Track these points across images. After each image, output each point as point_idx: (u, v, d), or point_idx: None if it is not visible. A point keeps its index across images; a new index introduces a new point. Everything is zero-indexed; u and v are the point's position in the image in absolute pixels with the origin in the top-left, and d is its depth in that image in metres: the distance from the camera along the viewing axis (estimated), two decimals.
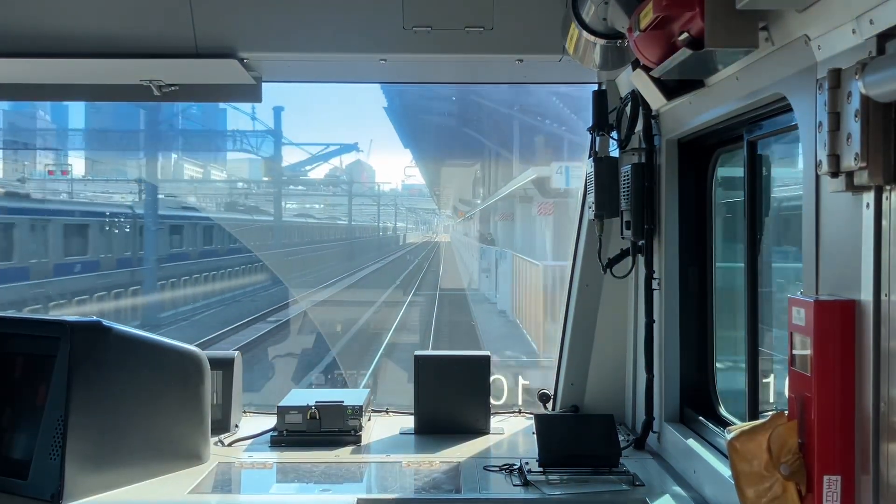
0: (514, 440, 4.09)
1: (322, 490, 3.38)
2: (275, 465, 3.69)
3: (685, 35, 2.57)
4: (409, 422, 4.30)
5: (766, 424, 2.34)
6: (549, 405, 4.36)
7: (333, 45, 3.86)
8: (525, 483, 3.41)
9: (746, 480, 2.32)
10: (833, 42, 2.18)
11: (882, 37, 1.98)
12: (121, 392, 3.42)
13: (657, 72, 3.01)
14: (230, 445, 3.96)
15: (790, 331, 2.31)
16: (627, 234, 3.90)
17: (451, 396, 4.25)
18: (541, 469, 3.49)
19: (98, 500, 3.21)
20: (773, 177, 3.52)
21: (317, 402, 4.04)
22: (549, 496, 3.31)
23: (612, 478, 3.44)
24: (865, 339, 2.11)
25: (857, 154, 2.02)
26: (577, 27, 3.44)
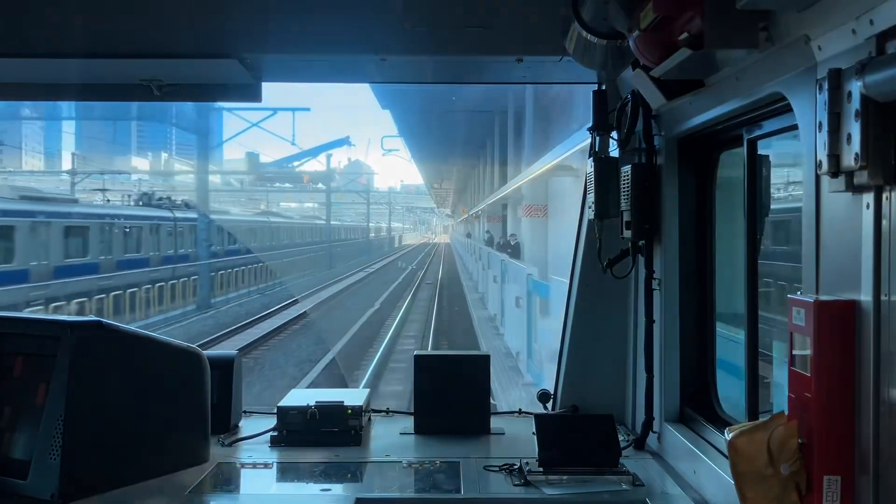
0: (514, 440, 4.08)
1: (322, 490, 3.38)
2: (275, 465, 3.69)
3: (685, 35, 2.58)
4: (409, 422, 4.30)
5: (766, 424, 2.34)
6: (549, 405, 4.36)
7: (333, 45, 3.86)
8: (525, 483, 3.41)
9: (746, 480, 2.32)
10: (833, 42, 2.18)
11: (882, 37, 1.99)
12: (121, 392, 3.42)
13: (657, 72, 3.01)
14: (230, 445, 3.96)
15: (790, 331, 2.31)
16: (627, 234, 3.89)
17: (451, 396, 4.24)
18: (541, 469, 3.49)
19: (98, 500, 3.21)
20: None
21: (317, 402, 4.04)
22: (549, 496, 3.31)
23: (612, 478, 3.44)
24: (865, 340, 2.12)
25: (857, 154, 2.02)
26: (578, 27, 3.45)
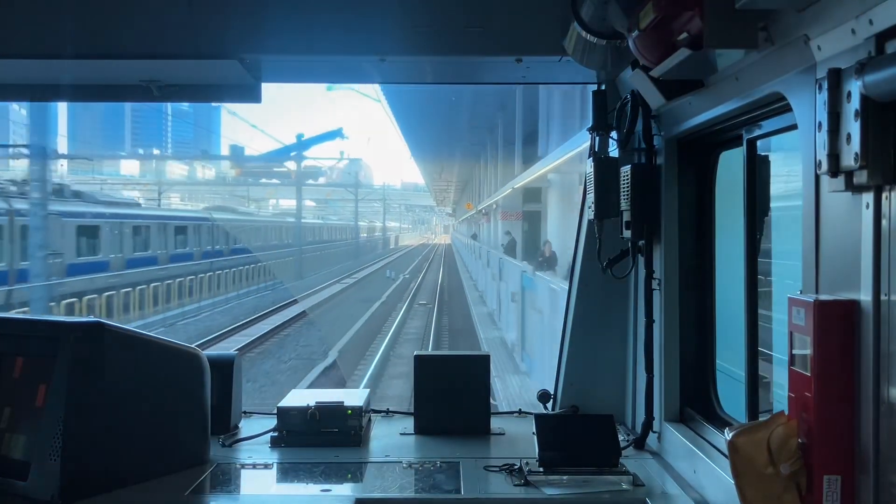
0: (514, 440, 4.08)
1: (322, 490, 3.38)
2: (275, 466, 3.69)
3: (685, 35, 2.58)
4: (409, 422, 4.30)
5: (766, 424, 2.34)
6: (549, 405, 4.36)
7: (333, 46, 3.86)
8: (525, 483, 3.41)
9: (746, 480, 2.32)
10: (833, 42, 2.18)
11: (881, 37, 1.99)
12: (121, 392, 3.42)
13: (657, 72, 3.01)
14: (230, 445, 3.96)
15: (790, 331, 2.31)
16: (627, 234, 3.90)
17: (451, 397, 4.25)
18: (541, 469, 3.49)
19: (98, 500, 3.21)
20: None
21: (317, 403, 4.04)
22: (550, 496, 3.31)
23: (612, 478, 3.44)
24: (865, 339, 2.12)
25: (857, 154, 2.02)
26: (577, 27, 3.45)
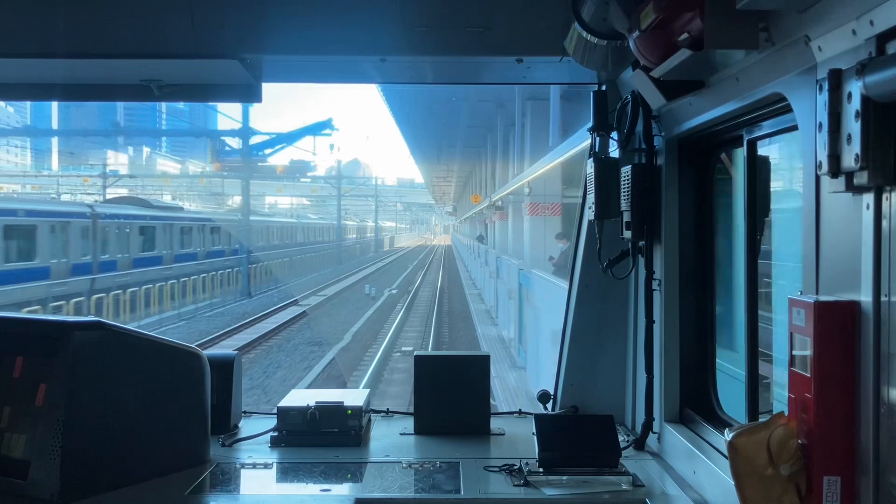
0: (514, 440, 4.08)
1: (322, 490, 3.37)
2: (275, 466, 3.69)
3: (685, 35, 2.58)
4: (409, 422, 4.30)
5: (766, 425, 2.34)
6: (549, 405, 4.36)
7: (333, 46, 3.86)
8: (525, 483, 3.41)
9: (746, 481, 2.32)
10: (833, 43, 2.18)
11: (882, 37, 1.99)
12: (121, 392, 3.42)
13: (657, 72, 3.01)
14: (230, 445, 3.96)
15: (790, 331, 2.31)
16: (627, 235, 3.90)
17: (451, 397, 4.24)
18: (541, 469, 3.49)
19: (98, 500, 3.21)
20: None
21: (317, 403, 4.04)
22: (549, 496, 3.31)
23: (612, 478, 3.44)
24: (865, 340, 2.12)
25: (857, 155, 2.02)
26: (578, 28, 3.45)
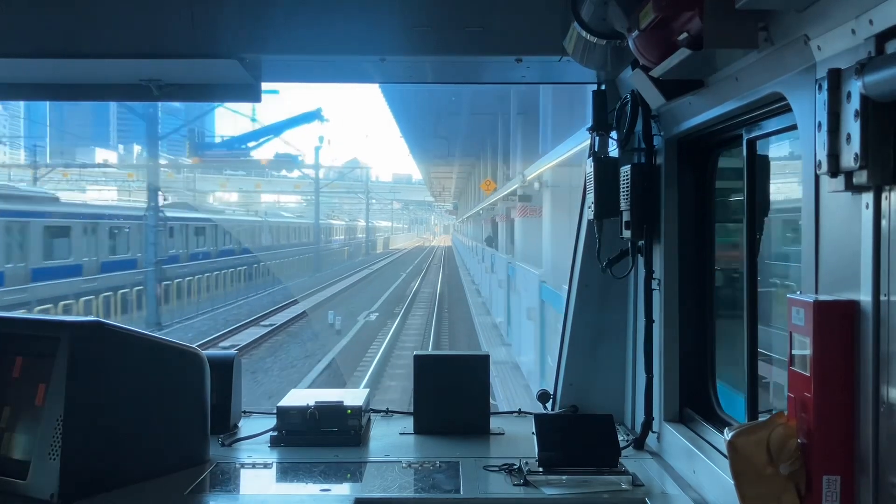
0: (514, 440, 4.08)
1: (322, 490, 3.37)
2: (274, 465, 3.69)
3: (684, 35, 2.58)
4: (409, 422, 4.30)
5: (766, 424, 2.34)
6: (549, 405, 4.36)
7: (333, 46, 3.86)
8: (525, 483, 3.41)
9: (746, 480, 2.32)
10: (833, 42, 2.18)
11: (881, 37, 1.99)
12: (121, 392, 3.42)
13: (657, 72, 3.02)
14: (230, 445, 3.96)
15: (790, 331, 2.31)
16: (627, 234, 3.90)
17: (451, 397, 4.24)
18: (540, 469, 3.49)
19: (98, 500, 3.21)
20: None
21: (317, 403, 4.04)
22: (549, 496, 3.31)
23: (612, 478, 3.44)
24: (865, 340, 2.12)
25: (857, 154, 2.02)
26: (577, 27, 3.45)
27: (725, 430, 2.41)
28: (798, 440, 2.26)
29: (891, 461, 2.06)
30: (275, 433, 4.02)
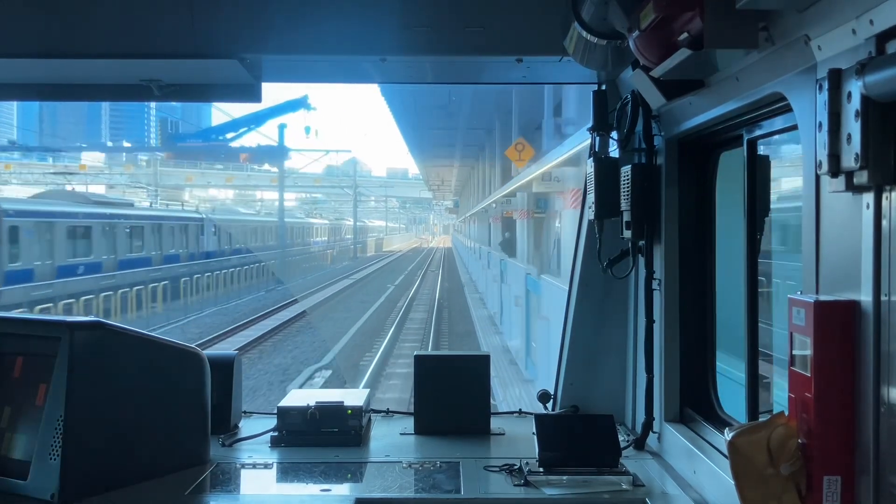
0: (514, 440, 4.08)
1: (322, 490, 3.37)
2: (275, 465, 3.69)
3: (685, 35, 2.58)
4: (409, 422, 4.30)
5: (766, 424, 2.34)
6: (550, 405, 4.36)
7: (333, 46, 3.86)
8: (525, 483, 3.41)
9: (746, 480, 2.32)
10: (833, 42, 2.18)
11: (882, 37, 1.99)
12: (120, 392, 3.42)
13: (657, 72, 3.01)
14: (230, 445, 3.96)
15: (790, 331, 2.31)
16: (627, 234, 3.90)
17: (452, 397, 4.24)
18: (541, 469, 3.49)
19: (98, 500, 3.21)
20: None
21: (317, 403, 4.04)
22: (550, 496, 3.31)
23: (612, 478, 3.44)
24: (865, 340, 2.12)
25: (857, 154, 2.02)
26: (577, 27, 3.45)
27: (726, 431, 2.41)
28: (798, 440, 2.26)
29: (891, 461, 2.06)
30: (275, 433, 4.02)
